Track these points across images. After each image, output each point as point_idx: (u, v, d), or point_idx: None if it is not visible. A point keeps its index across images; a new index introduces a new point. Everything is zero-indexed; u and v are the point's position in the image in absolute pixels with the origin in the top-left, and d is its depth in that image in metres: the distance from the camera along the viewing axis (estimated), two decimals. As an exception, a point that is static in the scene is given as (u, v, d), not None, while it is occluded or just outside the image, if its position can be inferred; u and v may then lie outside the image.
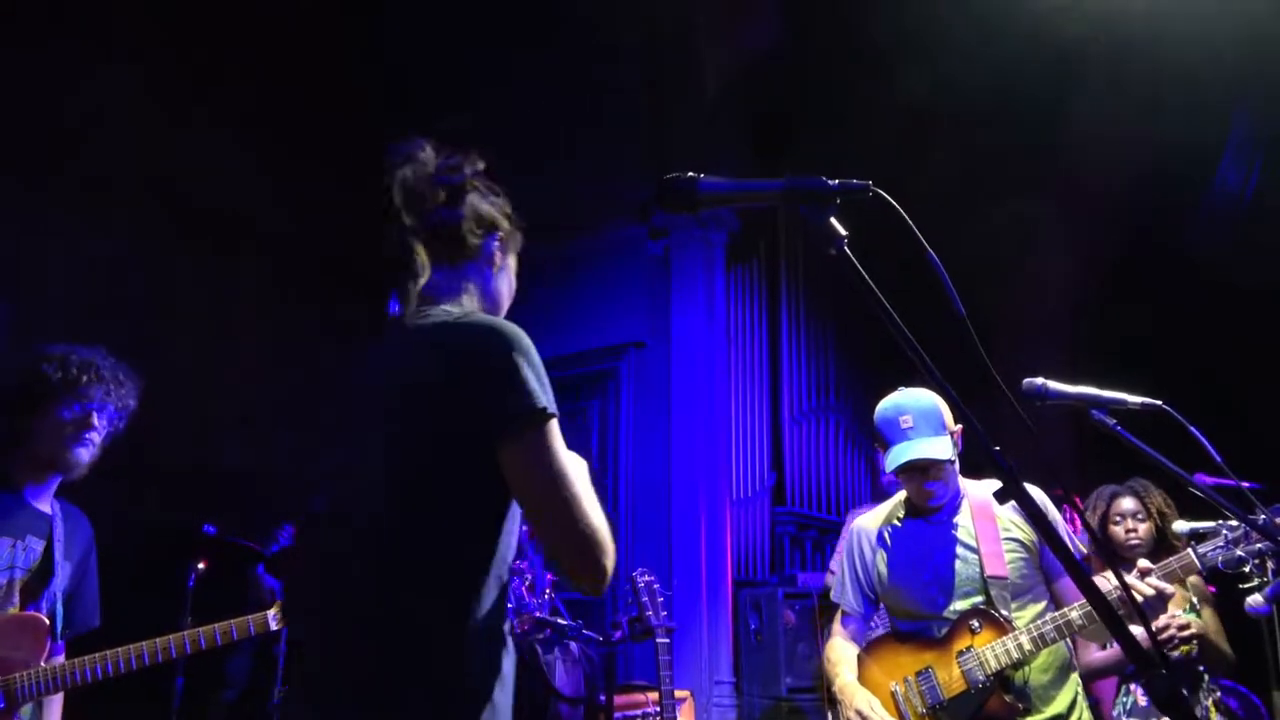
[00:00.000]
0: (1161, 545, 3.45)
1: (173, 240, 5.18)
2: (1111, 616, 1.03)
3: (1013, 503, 2.56)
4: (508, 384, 1.44)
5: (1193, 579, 3.48)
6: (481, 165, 1.72)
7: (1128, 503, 3.59)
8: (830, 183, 1.22)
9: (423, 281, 1.60)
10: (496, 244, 1.71)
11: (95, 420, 2.65)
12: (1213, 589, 3.52)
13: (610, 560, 1.47)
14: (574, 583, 1.49)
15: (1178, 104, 5.68)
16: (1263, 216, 5.82)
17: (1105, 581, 2.45)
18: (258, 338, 5.54)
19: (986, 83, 5.75)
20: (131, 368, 2.77)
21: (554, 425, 1.46)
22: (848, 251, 1.20)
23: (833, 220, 1.22)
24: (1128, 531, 3.54)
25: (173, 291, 5.18)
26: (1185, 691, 3.25)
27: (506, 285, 1.76)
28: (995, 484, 2.49)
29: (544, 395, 1.45)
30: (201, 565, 3.69)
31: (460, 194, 1.66)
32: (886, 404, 2.67)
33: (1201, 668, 3.28)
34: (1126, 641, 0.99)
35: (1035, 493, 2.60)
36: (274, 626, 2.71)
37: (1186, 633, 3.21)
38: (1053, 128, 6.23)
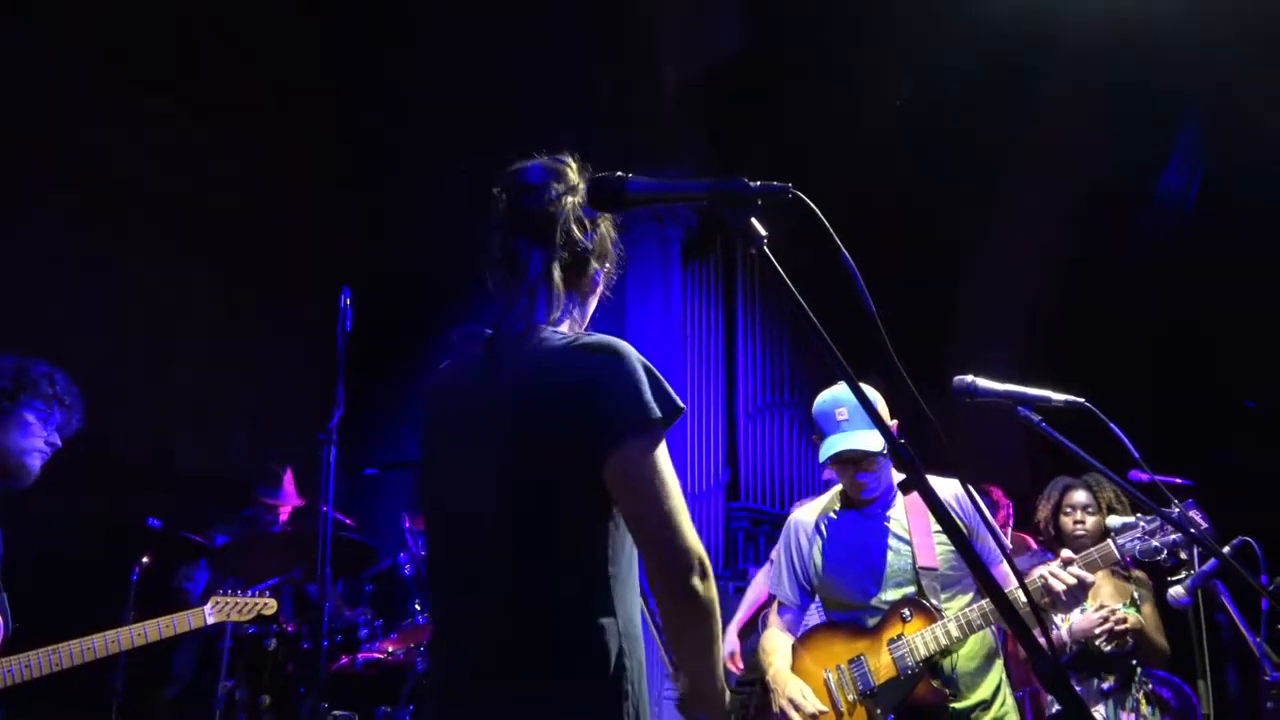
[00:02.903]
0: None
1: (125, 237, 5.10)
2: (1007, 609, 1.07)
3: (948, 496, 2.63)
4: (623, 397, 1.48)
5: (1138, 574, 3.59)
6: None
7: (1079, 495, 3.69)
8: (751, 185, 1.25)
9: (552, 302, 1.61)
10: (603, 274, 1.74)
11: (59, 440, 2.67)
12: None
13: (700, 583, 1.46)
14: (660, 598, 1.48)
15: (1131, 112, 5.81)
16: (1205, 225, 5.96)
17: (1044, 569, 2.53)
18: (208, 334, 5.48)
19: (948, 83, 5.83)
20: (74, 379, 2.76)
21: (658, 437, 1.49)
22: (767, 251, 1.23)
23: (753, 221, 1.25)
24: (1075, 523, 3.65)
25: (123, 287, 5.11)
26: (1118, 684, 3.36)
27: (595, 306, 1.79)
28: (934, 479, 2.53)
29: (654, 405, 1.48)
30: (145, 559, 3.65)
31: (598, 226, 1.69)
32: (825, 396, 2.72)
33: (1135, 660, 3.38)
34: (1020, 631, 1.03)
35: (956, 487, 2.64)
36: (210, 620, 2.71)
37: (1123, 626, 3.30)
38: (1012, 131, 6.32)
